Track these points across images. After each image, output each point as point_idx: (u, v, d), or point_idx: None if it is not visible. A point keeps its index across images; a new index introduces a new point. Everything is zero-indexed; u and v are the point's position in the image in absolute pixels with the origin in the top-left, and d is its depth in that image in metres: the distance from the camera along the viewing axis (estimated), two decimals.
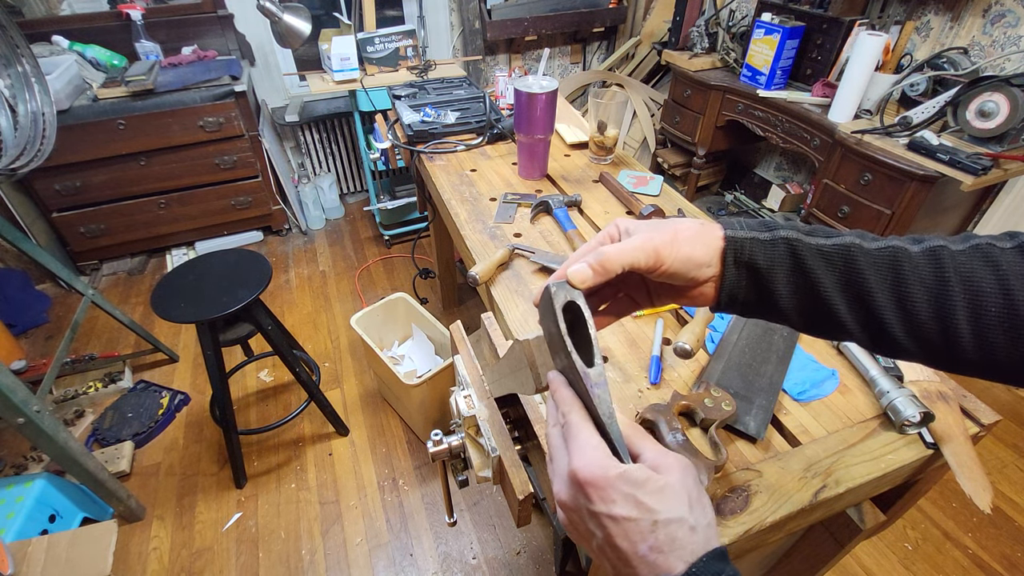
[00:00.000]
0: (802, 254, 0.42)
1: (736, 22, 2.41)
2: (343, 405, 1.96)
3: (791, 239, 0.42)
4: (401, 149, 1.61)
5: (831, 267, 0.41)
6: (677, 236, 0.43)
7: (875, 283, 0.40)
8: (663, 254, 0.42)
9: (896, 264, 0.40)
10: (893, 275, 0.40)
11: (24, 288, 2.34)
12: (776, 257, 0.42)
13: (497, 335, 0.71)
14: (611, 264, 0.43)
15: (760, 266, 0.43)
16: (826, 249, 0.41)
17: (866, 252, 0.41)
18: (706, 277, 0.44)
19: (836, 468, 0.67)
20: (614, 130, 1.37)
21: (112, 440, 1.79)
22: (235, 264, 1.48)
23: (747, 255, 0.43)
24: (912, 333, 0.40)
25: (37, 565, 1.32)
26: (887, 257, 0.40)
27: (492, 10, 2.80)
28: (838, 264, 0.41)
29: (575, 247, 1.07)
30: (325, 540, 1.56)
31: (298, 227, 2.94)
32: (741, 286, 0.44)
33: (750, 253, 0.43)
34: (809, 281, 0.42)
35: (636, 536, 0.33)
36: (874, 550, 1.52)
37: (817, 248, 0.42)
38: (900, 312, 0.40)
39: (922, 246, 0.40)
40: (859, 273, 0.40)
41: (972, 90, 1.54)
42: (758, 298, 0.44)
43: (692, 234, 0.43)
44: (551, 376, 0.43)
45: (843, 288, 0.41)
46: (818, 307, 0.42)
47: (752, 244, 0.43)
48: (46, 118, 1.48)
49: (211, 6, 2.39)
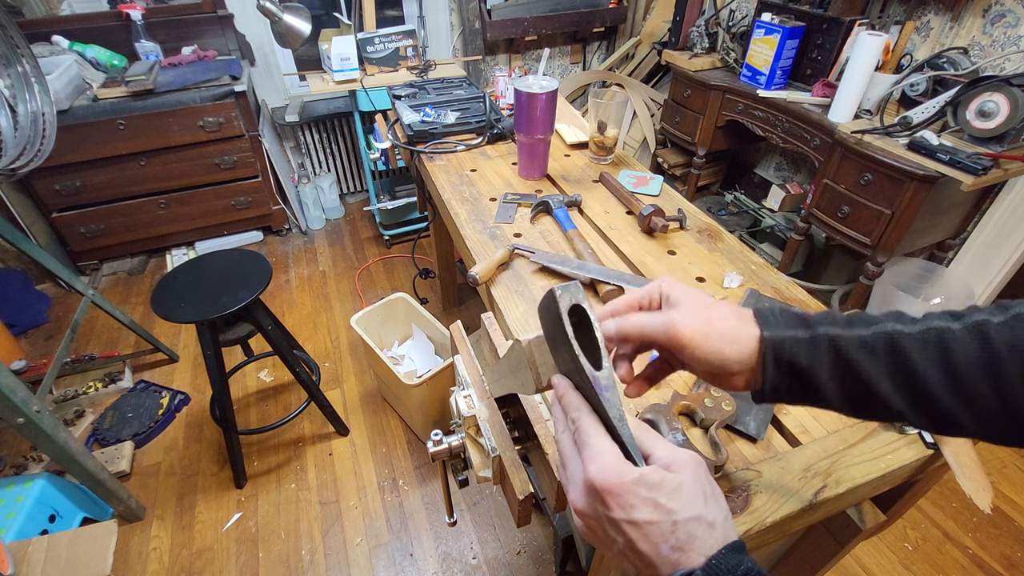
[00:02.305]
0: (845, 348, 0.42)
1: (736, 22, 2.41)
2: (343, 405, 1.96)
3: (832, 336, 0.42)
4: (401, 149, 1.61)
5: (875, 357, 0.41)
6: (710, 327, 0.43)
7: (925, 366, 0.40)
8: (686, 341, 0.42)
9: (942, 343, 0.39)
10: (941, 354, 0.39)
11: (24, 288, 2.34)
12: (818, 356, 0.42)
13: (497, 335, 0.71)
14: (629, 334, 0.44)
15: (802, 365, 0.42)
16: (869, 339, 0.41)
17: (909, 336, 0.40)
18: (736, 371, 0.44)
19: (836, 468, 0.67)
20: (614, 130, 1.37)
21: (112, 440, 1.79)
22: (235, 264, 1.48)
23: (788, 355, 0.43)
24: (970, 411, 0.39)
25: (37, 565, 1.31)
26: (933, 339, 0.40)
27: (492, 10, 2.80)
28: (881, 353, 0.41)
29: (575, 247, 1.07)
30: (325, 540, 1.56)
31: (298, 227, 2.94)
32: (783, 383, 0.44)
33: (791, 353, 0.43)
34: (854, 373, 0.42)
35: (657, 538, 0.34)
36: (874, 550, 1.52)
37: (860, 340, 0.41)
38: (954, 392, 0.39)
39: (964, 322, 0.40)
40: (907, 359, 0.40)
41: (972, 90, 1.54)
42: (802, 391, 0.44)
43: (727, 329, 0.43)
44: (556, 380, 0.42)
45: (891, 375, 0.41)
46: (866, 394, 0.42)
47: (792, 344, 0.43)
48: (46, 118, 1.48)
49: (211, 6, 2.39)
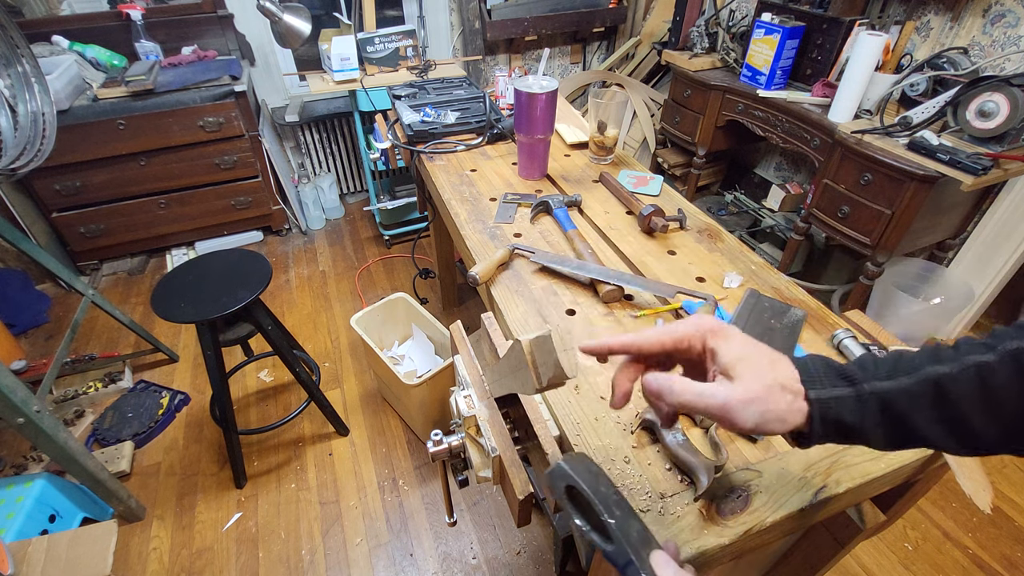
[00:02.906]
0: (891, 402, 0.42)
1: (736, 22, 2.41)
2: (343, 405, 1.96)
3: (878, 392, 0.42)
4: (401, 149, 1.61)
5: (921, 407, 0.41)
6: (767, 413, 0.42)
7: (968, 409, 0.40)
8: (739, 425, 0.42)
9: (984, 383, 0.40)
10: (982, 394, 0.40)
11: (24, 288, 2.34)
12: (865, 412, 0.43)
13: (497, 335, 0.71)
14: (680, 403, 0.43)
15: (848, 423, 0.43)
16: (914, 390, 0.42)
17: (951, 378, 0.41)
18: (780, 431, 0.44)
19: (836, 468, 0.67)
20: (614, 130, 1.37)
21: (112, 440, 1.79)
22: (235, 264, 1.48)
23: (834, 416, 0.43)
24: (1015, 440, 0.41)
25: (37, 565, 1.31)
26: (973, 377, 0.40)
27: (492, 10, 2.80)
28: (928, 403, 0.41)
29: (575, 247, 1.07)
30: (325, 540, 1.56)
31: (298, 227, 2.94)
32: (828, 437, 0.44)
33: (837, 414, 0.43)
34: (902, 423, 0.42)
35: None
36: (874, 550, 1.52)
37: (905, 392, 0.42)
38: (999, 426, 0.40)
39: (999, 353, 0.40)
40: (952, 405, 0.41)
41: (972, 90, 1.54)
42: (846, 440, 0.45)
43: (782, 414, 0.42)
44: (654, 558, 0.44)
45: (937, 421, 0.41)
46: (911, 439, 0.43)
47: (837, 403, 0.43)
48: (46, 118, 1.48)
49: (211, 6, 2.39)
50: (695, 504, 0.63)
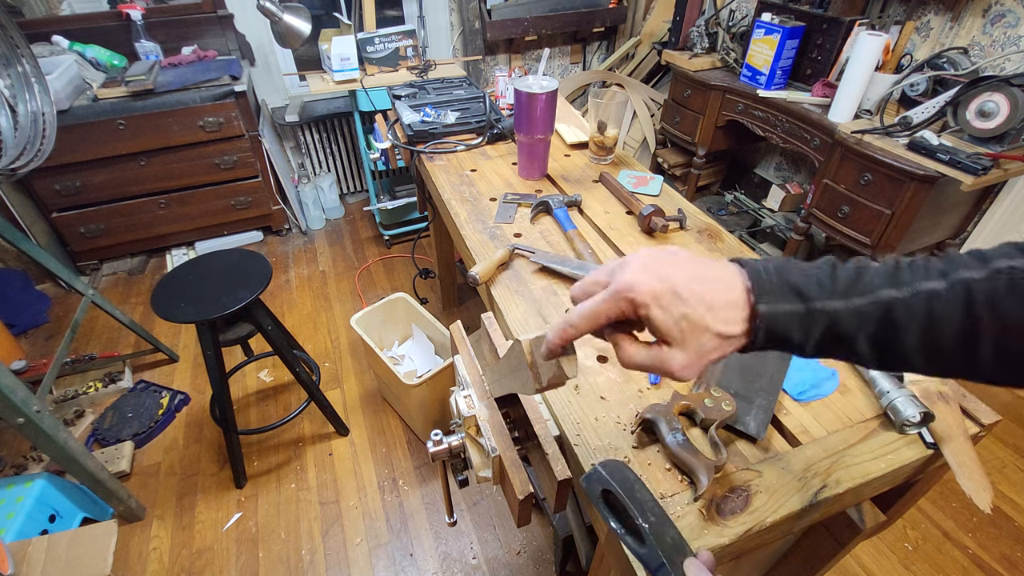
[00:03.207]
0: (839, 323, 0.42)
1: (736, 22, 2.41)
2: (343, 405, 1.96)
3: (828, 312, 0.42)
4: (401, 149, 1.61)
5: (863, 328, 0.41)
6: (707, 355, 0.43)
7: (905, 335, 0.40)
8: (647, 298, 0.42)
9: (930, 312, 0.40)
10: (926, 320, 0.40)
11: (24, 288, 2.34)
12: (811, 331, 0.42)
13: (497, 335, 0.71)
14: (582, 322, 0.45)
15: (792, 338, 0.43)
16: (864, 311, 0.41)
17: (904, 303, 0.41)
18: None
19: (836, 468, 0.67)
20: (614, 130, 1.37)
21: (112, 440, 1.79)
22: (235, 264, 1.48)
23: (781, 330, 0.43)
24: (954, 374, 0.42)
25: (37, 565, 1.31)
26: (922, 302, 0.40)
27: (492, 10, 2.80)
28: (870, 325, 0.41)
29: (575, 247, 1.07)
30: (325, 540, 1.56)
31: (298, 227, 2.94)
32: (768, 347, 0.45)
33: (784, 329, 0.43)
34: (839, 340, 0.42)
35: None
36: (874, 550, 1.52)
37: (856, 311, 0.42)
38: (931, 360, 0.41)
39: (950, 280, 0.40)
40: (893, 330, 0.41)
41: (972, 90, 1.54)
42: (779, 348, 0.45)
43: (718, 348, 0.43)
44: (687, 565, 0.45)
45: (872, 344, 0.42)
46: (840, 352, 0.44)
47: (787, 319, 0.43)
48: (46, 118, 1.48)
49: (211, 6, 2.39)
50: (695, 504, 0.63)
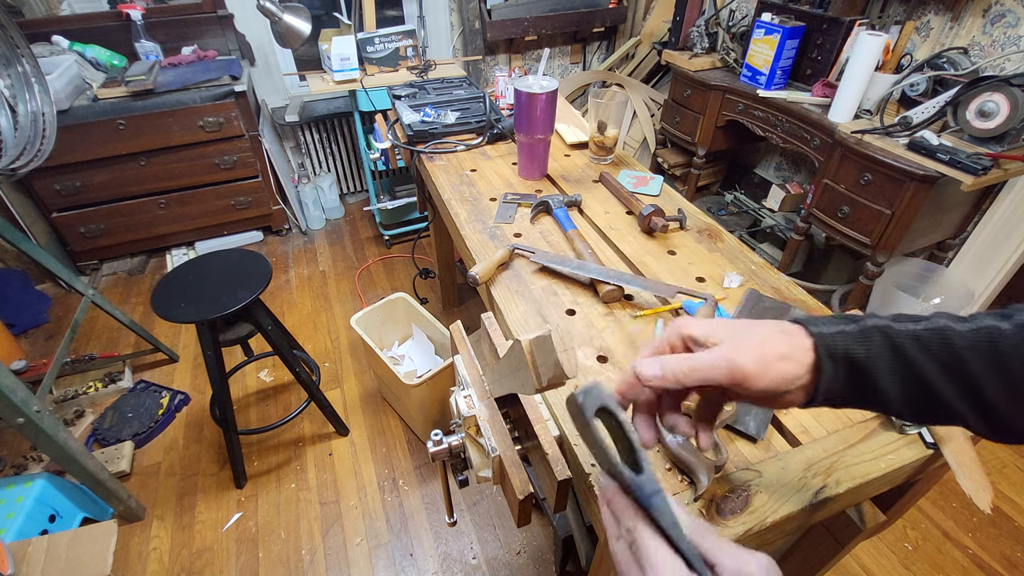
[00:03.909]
0: (899, 342, 0.40)
1: (736, 22, 2.41)
2: (343, 405, 1.96)
3: (881, 326, 0.41)
4: (401, 149, 1.61)
5: (930, 354, 0.39)
6: (766, 351, 0.41)
7: (979, 369, 0.38)
8: (750, 372, 0.40)
9: (994, 346, 0.38)
10: (993, 356, 0.38)
11: (24, 288, 2.34)
12: (873, 348, 0.41)
13: (497, 335, 0.71)
14: (687, 378, 0.41)
15: (858, 359, 0.41)
16: (920, 334, 0.40)
17: (961, 335, 0.39)
18: (796, 388, 0.42)
19: (836, 468, 0.67)
20: (614, 130, 1.37)
21: (112, 440, 1.79)
22: (235, 264, 1.48)
23: (841, 350, 0.41)
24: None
25: (37, 565, 1.31)
26: (984, 339, 0.38)
27: (492, 10, 2.80)
28: (936, 350, 0.39)
29: (575, 247, 1.07)
30: (325, 540, 1.56)
31: (298, 227, 2.94)
32: (838, 383, 0.42)
33: (844, 347, 0.41)
34: (913, 371, 0.40)
35: None
36: (874, 550, 1.52)
37: (912, 334, 0.40)
38: (1011, 398, 0.38)
39: (1013, 322, 0.38)
40: (961, 360, 0.39)
41: (972, 90, 1.54)
42: (858, 393, 0.42)
43: (782, 348, 0.41)
44: (603, 483, 0.41)
45: (948, 375, 0.39)
46: (927, 397, 0.40)
47: (843, 338, 0.41)
48: (46, 118, 1.48)
49: (211, 6, 2.39)
50: (695, 504, 0.63)
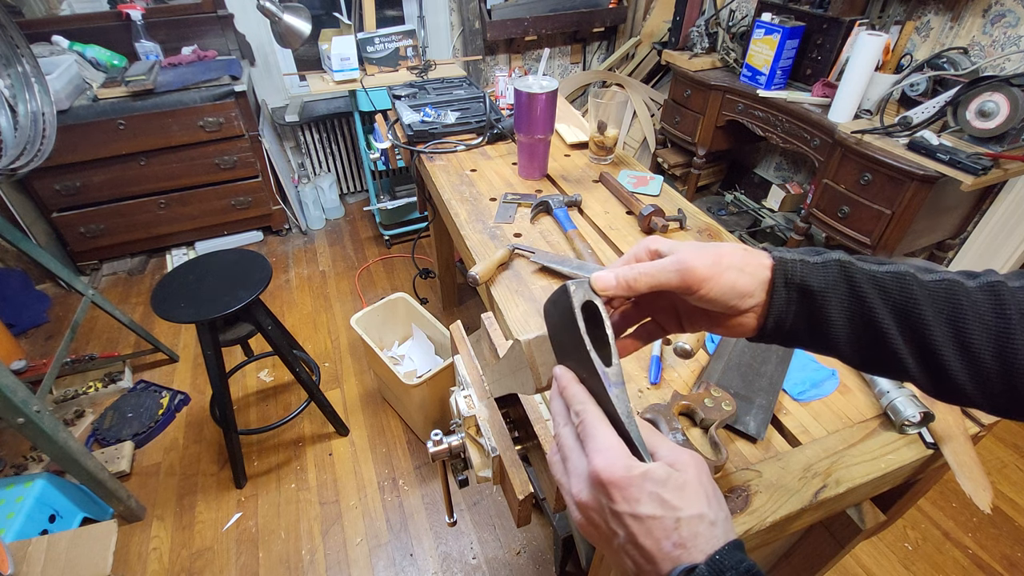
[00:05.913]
0: (856, 279, 0.40)
1: (736, 22, 2.41)
2: (343, 405, 1.96)
3: (843, 261, 0.41)
4: (401, 149, 1.61)
5: (886, 295, 0.39)
6: (720, 261, 0.41)
7: (932, 316, 0.38)
8: (702, 275, 0.40)
9: (953, 297, 0.38)
10: (951, 308, 0.38)
11: (24, 288, 2.34)
12: (829, 279, 0.40)
13: (497, 335, 0.71)
14: (638, 282, 0.41)
15: (813, 288, 0.41)
16: (880, 275, 0.40)
17: (921, 283, 0.39)
18: (748, 307, 0.42)
19: (836, 468, 0.67)
20: (614, 130, 1.37)
21: (112, 440, 1.79)
22: (235, 264, 1.48)
23: (799, 277, 0.41)
24: (973, 375, 0.38)
25: (37, 565, 1.31)
26: (943, 290, 0.38)
27: (492, 10, 2.80)
28: (893, 293, 0.39)
29: (575, 247, 1.07)
30: (325, 540, 1.56)
31: (298, 227, 2.94)
32: (790, 311, 0.42)
33: (802, 275, 0.41)
34: (865, 308, 0.40)
35: (660, 533, 0.33)
36: (874, 550, 1.52)
37: (871, 274, 0.40)
38: (959, 350, 0.38)
39: (978, 281, 0.38)
40: (916, 304, 0.38)
41: (972, 90, 1.54)
42: (808, 326, 0.42)
43: (737, 260, 0.41)
44: (558, 372, 0.41)
45: (899, 319, 0.39)
46: (874, 339, 0.40)
47: (803, 266, 0.41)
48: (46, 118, 1.48)
49: (211, 6, 2.39)
50: None
